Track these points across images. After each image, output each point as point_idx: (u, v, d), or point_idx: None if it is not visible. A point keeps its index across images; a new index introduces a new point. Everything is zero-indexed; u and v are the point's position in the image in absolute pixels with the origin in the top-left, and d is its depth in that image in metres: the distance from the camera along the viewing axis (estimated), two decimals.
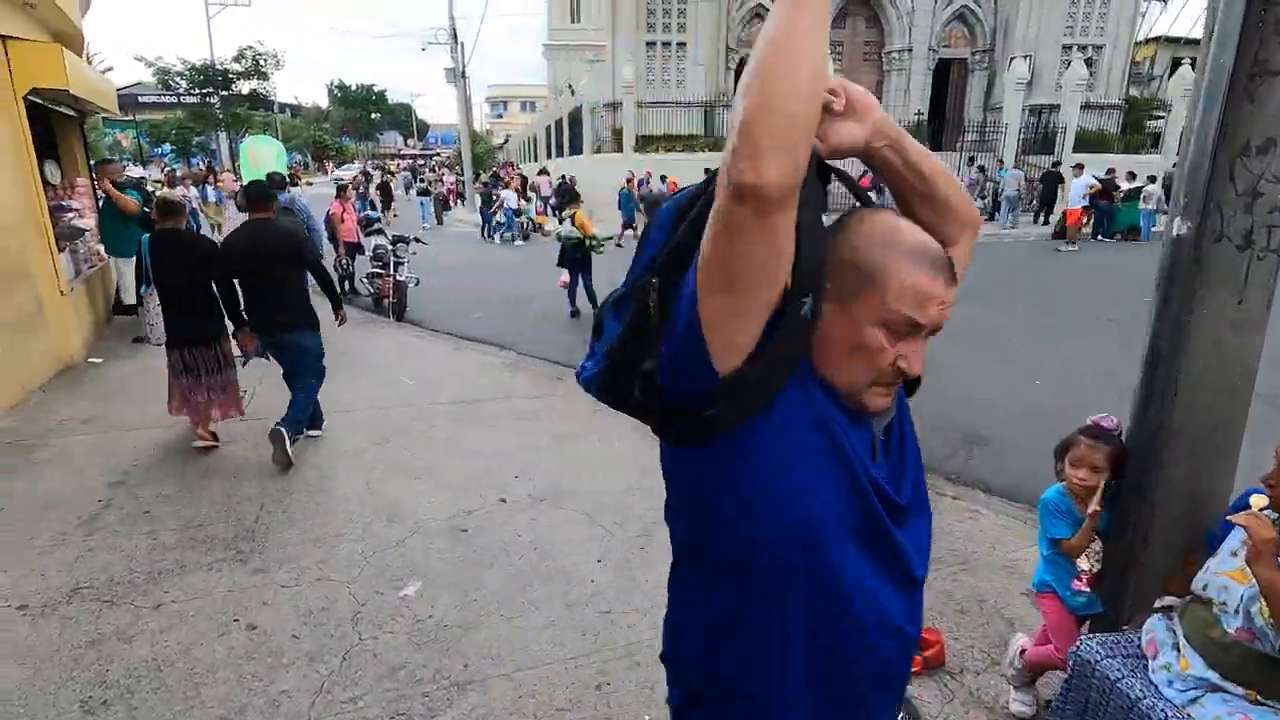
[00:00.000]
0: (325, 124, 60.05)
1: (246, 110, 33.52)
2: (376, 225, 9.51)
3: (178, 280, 4.19)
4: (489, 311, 9.23)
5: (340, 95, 71.90)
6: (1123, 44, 23.05)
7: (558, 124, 28.33)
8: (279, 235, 4.26)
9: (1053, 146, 20.96)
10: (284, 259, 4.21)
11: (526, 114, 72.09)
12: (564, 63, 50.58)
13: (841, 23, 24.59)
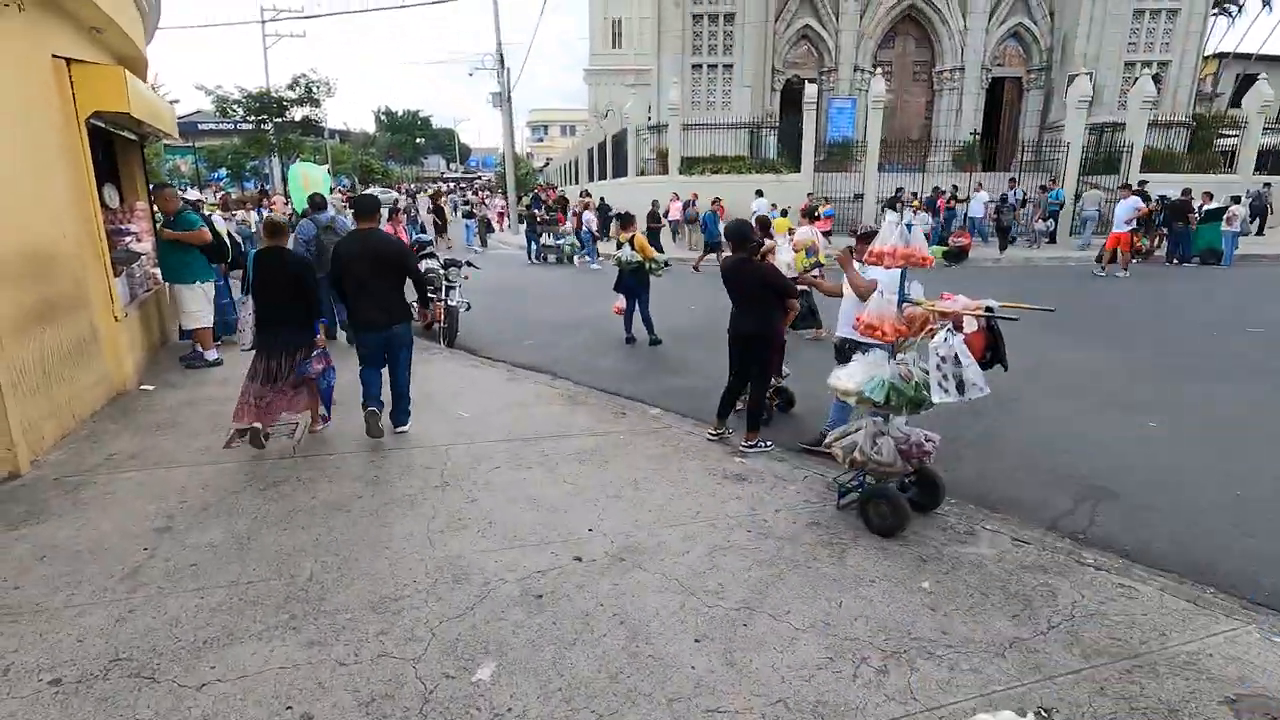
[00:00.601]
0: (372, 149, 61.63)
1: (299, 136, 34.44)
2: (429, 249, 9.34)
3: (279, 295, 4.66)
4: (541, 338, 8.94)
5: (386, 121, 73.96)
6: (1189, 60, 22.07)
7: (600, 147, 28.36)
8: (388, 242, 5.06)
9: (1115, 166, 20.07)
10: (393, 262, 4.88)
11: (567, 138, 72.98)
12: (605, 87, 51.17)
13: (890, 43, 24.17)
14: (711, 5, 22.34)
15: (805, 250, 8.54)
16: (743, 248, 4.65)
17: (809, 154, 19.99)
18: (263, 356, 4.71)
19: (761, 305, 4.62)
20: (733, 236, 4.71)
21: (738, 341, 4.78)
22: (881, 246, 3.45)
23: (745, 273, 4.62)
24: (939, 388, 3.27)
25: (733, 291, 4.76)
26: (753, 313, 4.67)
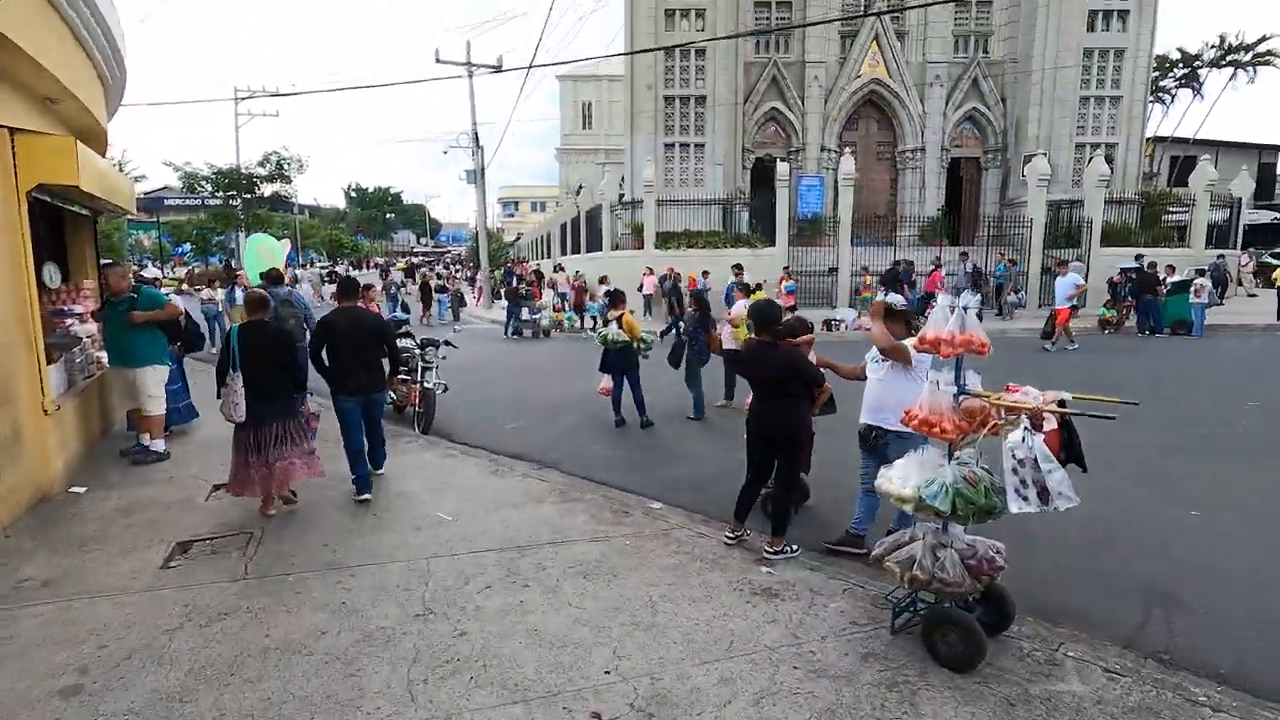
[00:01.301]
0: (342, 224, 61.65)
1: (267, 211, 34.16)
2: (405, 328, 8.82)
3: (267, 367, 4.86)
4: (524, 420, 8.37)
5: (357, 197, 74.49)
6: (1134, 142, 23.33)
7: (574, 222, 28.52)
8: (371, 316, 5.80)
9: (1076, 241, 20.75)
10: (376, 334, 5.53)
11: (537, 213, 74.27)
12: (576, 165, 52.47)
13: (854, 125, 25.16)
14: (683, 89, 23.05)
15: (745, 325, 8.55)
16: (767, 330, 4.24)
17: (783, 229, 20.26)
18: (254, 429, 4.84)
19: (788, 395, 4.18)
20: (756, 318, 4.30)
21: (761, 435, 4.30)
22: (936, 332, 3.06)
23: (770, 359, 4.20)
24: (1017, 495, 2.82)
25: (755, 379, 4.32)
26: (778, 403, 4.22)
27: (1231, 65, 30.63)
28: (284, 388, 4.97)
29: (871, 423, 4.28)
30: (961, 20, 24.62)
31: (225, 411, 4.81)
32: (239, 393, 4.75)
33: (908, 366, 4.03)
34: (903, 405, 4.17)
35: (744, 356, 4.44)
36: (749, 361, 4.36)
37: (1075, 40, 22.38)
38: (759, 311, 4.34)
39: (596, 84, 53.13)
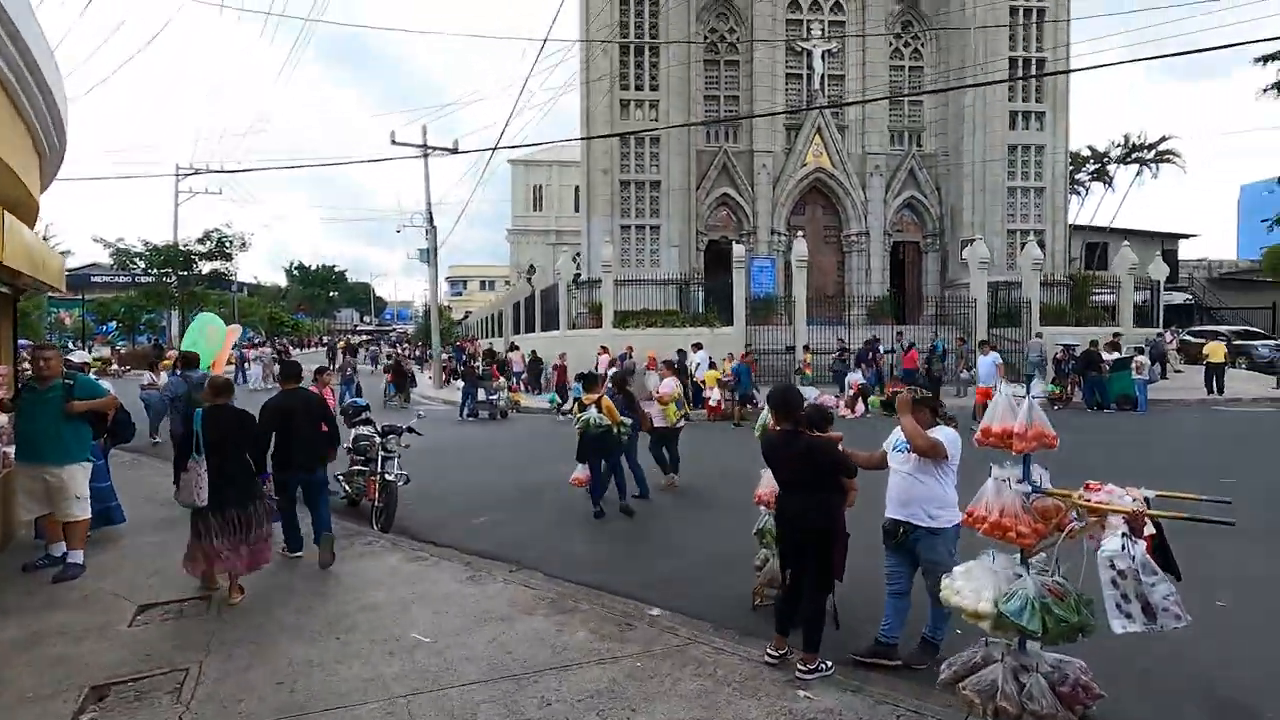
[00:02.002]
0: (282, 301, 59.93)
1: (204, 289, 32.81)
2: (364, 414, 8.15)
3: (230, 450, 4.96)
4: (494, 513, 7.72)
5: (299, 275, 72.95)
6: (1060, 229, 25.01)
7: (528, 301, 28.36)
8: (313, 399, 6.24)
9: (1015, 319, 21.70)
10: (317, 416, 5.99)
11: (486, 292, 74.19)
12: (526, 245, 52.92)
13: (802, 210, 26.21)
14: (638, 174, 23.65)
15: (674, 402, 8.82)
16: (789, 418, 3.92)
17: (740, 309, 20.50)
18: (216, 513, 4.82)
19: (817, 489, 3.82)
20: (776, 405, 3.98)
21: (789, 532, 3.91)
22: (1005, 425, 2.79)
23: (795, 450, 3.86)
24: (1118, 612, 2.49)
25: (780, 472, 3.97)
26: (806, 498, 3.85)
27: (1136, 162, 33.72)
28: (247, 471, 5.11)
29: (899, 518, 3.95)
30: (896, 117, 26.40)
31: (185, 497, 4.82)
32: (203, 477, 4.77)
33: (941, 461, 3.76)
34: (933, 499, 3.89)
35: (766, 447, 4.09)
36: (773, 452, 4.01)
37: (1000, 137, 24.19)
38: (778, 398, 4.03)
39: (547, 169, 54.46)
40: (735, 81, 25.75)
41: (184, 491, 4.83)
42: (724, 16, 25.66)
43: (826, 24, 25.64)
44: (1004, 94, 24.08)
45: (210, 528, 4.80)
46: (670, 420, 8.80)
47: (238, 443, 5.03)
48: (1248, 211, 74.99)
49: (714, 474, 9.76)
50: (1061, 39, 24.24)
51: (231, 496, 4.89)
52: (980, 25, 23.77)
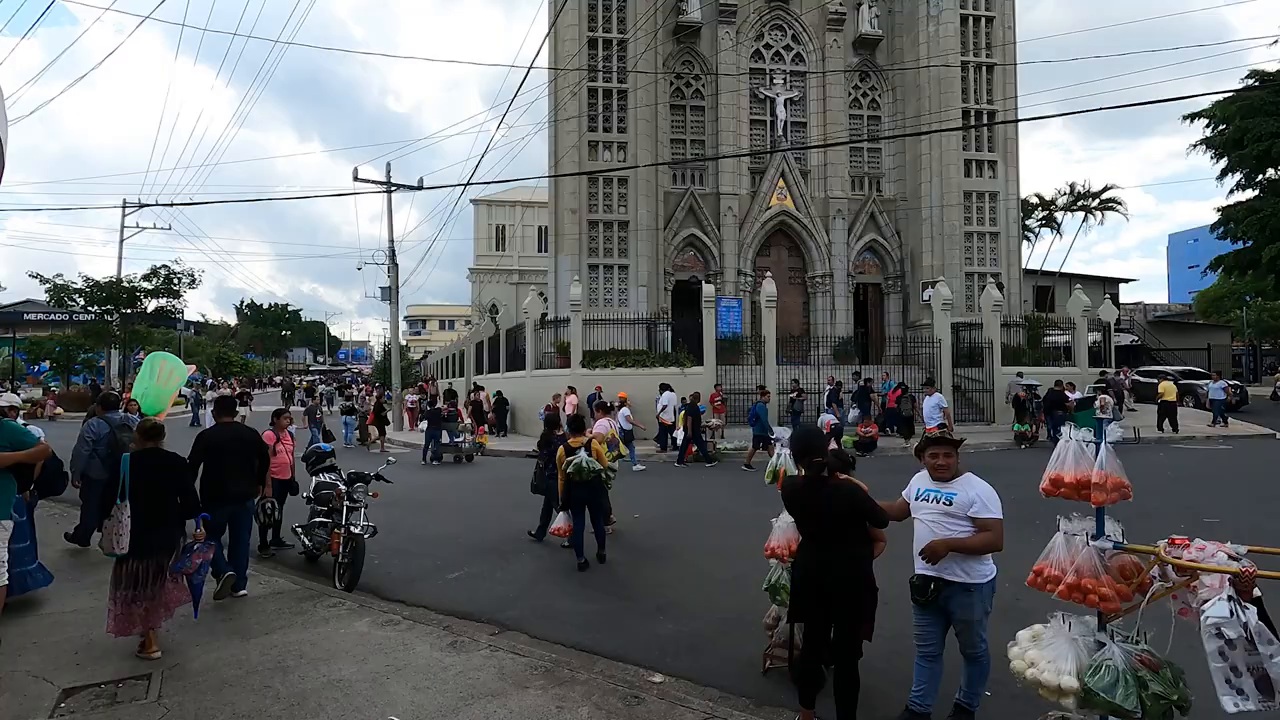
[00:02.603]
0: (231, 341, 57.80)
1: (147, 327, 31.30)
2: (329, 460, 7.54)
3: (157, 496, 4.79)
4: (469, 566, 7.17)
5: (250, 314, 70.73)
6: (1014, 272, 25.81)
7: (492, 340, 27.81)
8: (246, 433, 6.46)
9: (977, 359, 22.12)
10: (251, 448, 6.26)
11: (446, 331, 73.07)
12: (489, 285, 52.42)
13: (767, 251, 26.52)
14: (606, 214, 23.63)
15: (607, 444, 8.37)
16: (813, 462, 3.61)
17: (710, 348, 20.37)
18: (136, 560, 4.66)
19: (844, 540, 3.50)
20: (801, 448, 3.67)
21: (814, 588, 3.56)
22: (1078, 473, 2.53)
23: (820, 497, 3.54)
24: (1228, 687, 2.21)
25: (804, 521, 3.64)
26: (833, 550, 3.53)
27: (1082, 209, 35.39)
28: (173, 517, 4.91)
29: (930, 573, 3.66)
30: (856, 163, 27.15)
31: (106, 544, 4.65)
32: (124, 524, 4.59)
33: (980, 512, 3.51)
34: None
35: (788, 493, 3.76)
36: (794, 499, 3.69)
37: (956, 184, 25.03)
38: (801, 440, 3.72)
39: (511, 208, 54.44)
40: (701, 126, 26.20)
41: (106, 538, 4.66)
42: (690, 63, 26.21)
43: (789, 73, 26.43)
44: (958, 143, 25.03)
45: (130, 576, 4.62)
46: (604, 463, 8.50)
47: (165, 488, 4.85)
48: (1175, 259, 79.88)
49: (703, 519, 9.39)
50: (1010, 92, 25.44)
51: (152, 545, 4.71)
52: (928, 62, 24.79)
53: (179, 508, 4.94)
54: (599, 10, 23.69)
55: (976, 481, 3.65)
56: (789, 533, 4.41)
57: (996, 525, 3.53)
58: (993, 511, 3.55)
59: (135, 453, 4.91)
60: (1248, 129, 26.36)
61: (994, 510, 3.56)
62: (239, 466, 5.98)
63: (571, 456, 6.94)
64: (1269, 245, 25.76)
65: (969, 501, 3.57)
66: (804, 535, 3.70)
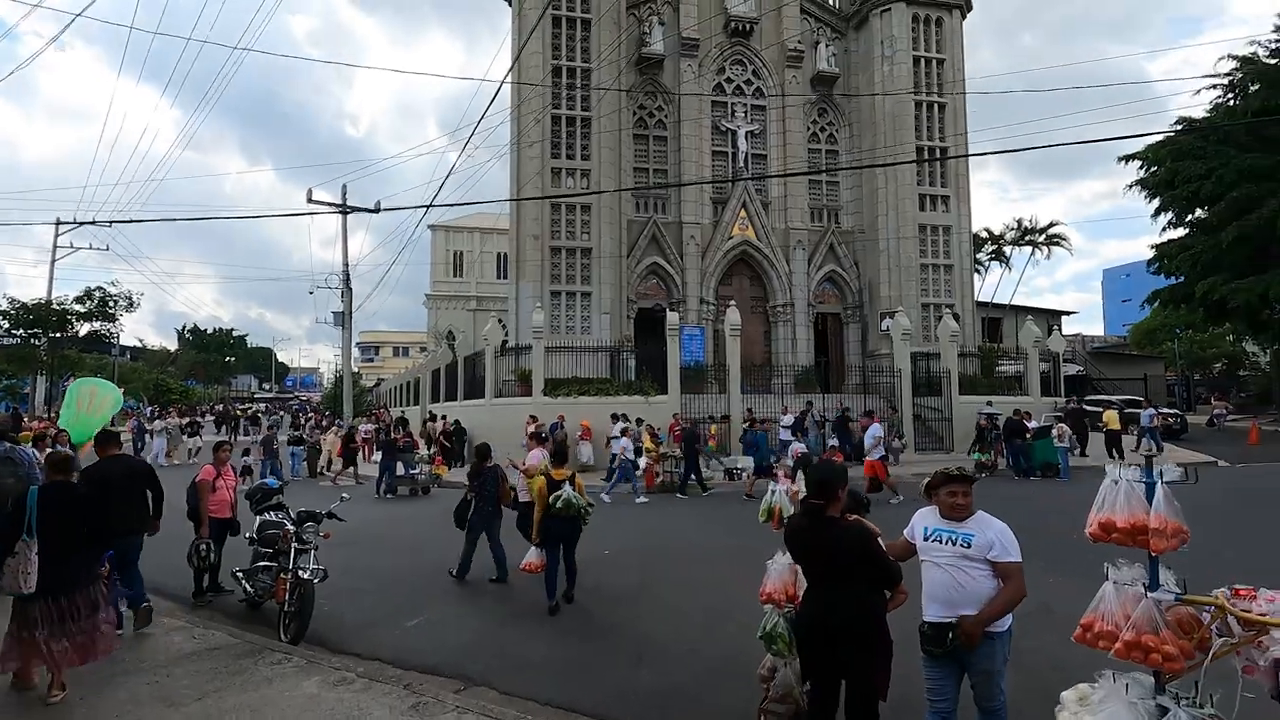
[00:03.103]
0: (170, 367, 55.17)
1: (78, 352, 29.52)
2: (276, 498, 6.93)
3: (67, 532, 4.54)
4: (428, 611, 6.64)
5: (193, 339, 67.82)
6: (968, 304, 26.53)
7: (449, 368, 27.09)
8: (137, 465, 6.62)
9: (935, 388, 22.47)
10: (141, 484, 6.08)
11: (400, 359, 71.41)
12: (445, 311, 51.50)
13: (729, 281, 26.65)
14: (569, 240, 23.43)
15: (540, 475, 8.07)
16: (829, 499, 3.31)
17: (674, 377, 20.16)
18: (44, 600, 4.42)
19: (856, 586, 3.21)
20: (818, 485, 3.33)
21: (821, 634, 3.25)
22: (1132, 517, 2.31)
23: (830, 538, 3.24)
24: None
25: (809, 563, 3.34)
26: (843, 597, 3.22)
27: (1029, 244, 36.82)
28: (85, 553, 4.70)
29: (945, 621, 3.39)
30: (815, 195, 27.69)
31: (9, 583, 4.38)
32: (32, 561, 4.34)
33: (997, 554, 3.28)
34: (982, 597, 3.35)
35: (793, 534, 3.45)
36: (800, 539, 3.38)
37: (911, 218, 25.70)
38: (819, 476, 3.41)
39: (469, 234, 53.90)
40: (664, 155, 26.38)
41: (8, 577, 4.37)
42: (653, 94, 26.46)
43: (749, 107, 26.90)
44: (913, 178, 25.76)
45: (36, 617, 4.38)
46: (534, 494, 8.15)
47: (75, 523, 4.63)
48: (1110, 293, 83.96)
49: (675, 552, 9.02)
50: (960, 129, 26.39)
51: (63, 581, 4.49)
52: (884, 100, 25.54)
53: (91, 542, 4.71)
54: (563, 39, 23.78)
55: (992, 521, 3.41)
56: (785, 575, 4.12)
57: (1018, 571, 3.29)
58: (1013, 554, 3.31)
59: (43, 485, 4.77)
60: (1178, 171, 27.88)
61: (1014, 553, 3.32)
62: (127, 501, 5.80)
63: (558, 490, 6.54)
64: (1201, 280, 27.08)
65: (987, 544, 3.32)
66: (809, 579, 3.40)
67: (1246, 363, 45.64)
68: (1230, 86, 28.81)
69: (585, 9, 24.01)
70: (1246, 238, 25.23)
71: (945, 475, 3.53)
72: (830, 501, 3.31)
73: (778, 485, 4.36)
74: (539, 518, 6.71)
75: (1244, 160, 25.89)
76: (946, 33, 26.65)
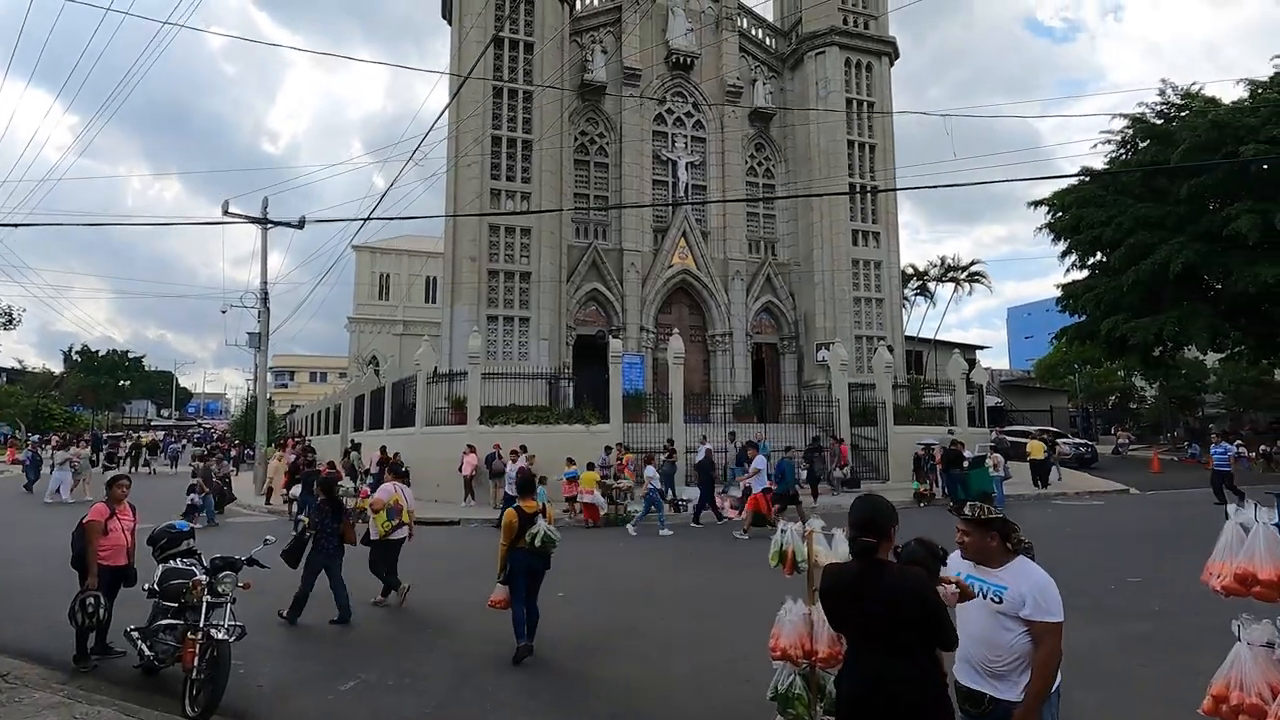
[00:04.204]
0: (54, 391, 50.21)
1: None
2: (186, 543, 5.93)
3: None
4: (367, 670, 5.78)
5: (81, 360, 62.18)
6: (898, 336, 27.40)
7: (374, 395, 25.63)
8: None
9: (871, 419, 22.87)
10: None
11: (317, 384, 67.79)
12: (369, 335, 49.33)
13: (669, 310, 26.54)
14: (508, 264, 22.76)
15: (386, 512, 7.86)
16: (877, 537, 2.83)
17: (617, 406, 19.64)
18: None
19: (908, 650, 2.71)
20: (865, 522, 2.82)
21: (868, 713, 2.75)
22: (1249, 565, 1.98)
23: (884, 588, 2.73)
24: None
25: (848, 620, 2.84)
26: (893, 663, 2.68)
27: (952, 281, 38.70)
28: None
29: (980, 689, 2.98)
30: (753, 227, 28.13)
31: None
32: None
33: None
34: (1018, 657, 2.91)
35: (832, 584, 2.94)
36: (847, 591, 2.87)
37: (844, 252, 26.42)
38: (866, 511, 2.86)
39: (396, 256, 52.10)
40: (605, 182, 26.21)
41: None
42: (594, 121, 26.35)
43: (690, 138, 27.19)
44: (846, 214, 26.57)
45: None
46: (381, 531, 7.90)
47: None
48: (1014, 329, 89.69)
49: (641, 596, 8.43)
50: (890, 168, 27.52)
51: None
52: (818, 139, 26.33)
53: None
54: (505, 60, 23.39)
55: (1031, 571, 2.95)
56: (801, 627, 3.67)
57: (1053, 632, 2.84)
58: (1052, 613, 2.86)
59: None
60: (1082, 217, 29.97)
61: (1054, 611, 2.87)
62: None
63: (532, 526, 5.89)
64: (1105, 319, 29.00)
65: (1019, 600, 2.86)
66: (851, 641, 2.92)
67: (1136, 396, 49.29)
68: (1123, 142, 31.39)
69: (529, 32, 23.77)
70: (1142, 281, 27.25)
71: (958, 514, 3.15)
72: (882, 540, 2.86)
73: (787, 525, 3.94)
74: (505, 553, 6.05)
75: (1139, 209, 28.09)
76: (876, 77, 27.89)
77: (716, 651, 6.03)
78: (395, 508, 8.00)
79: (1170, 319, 27.17)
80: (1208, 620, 6.91)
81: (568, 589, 8.03)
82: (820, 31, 27.10)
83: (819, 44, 27.21)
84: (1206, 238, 26.26)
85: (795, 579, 4.03)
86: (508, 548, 5.95)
